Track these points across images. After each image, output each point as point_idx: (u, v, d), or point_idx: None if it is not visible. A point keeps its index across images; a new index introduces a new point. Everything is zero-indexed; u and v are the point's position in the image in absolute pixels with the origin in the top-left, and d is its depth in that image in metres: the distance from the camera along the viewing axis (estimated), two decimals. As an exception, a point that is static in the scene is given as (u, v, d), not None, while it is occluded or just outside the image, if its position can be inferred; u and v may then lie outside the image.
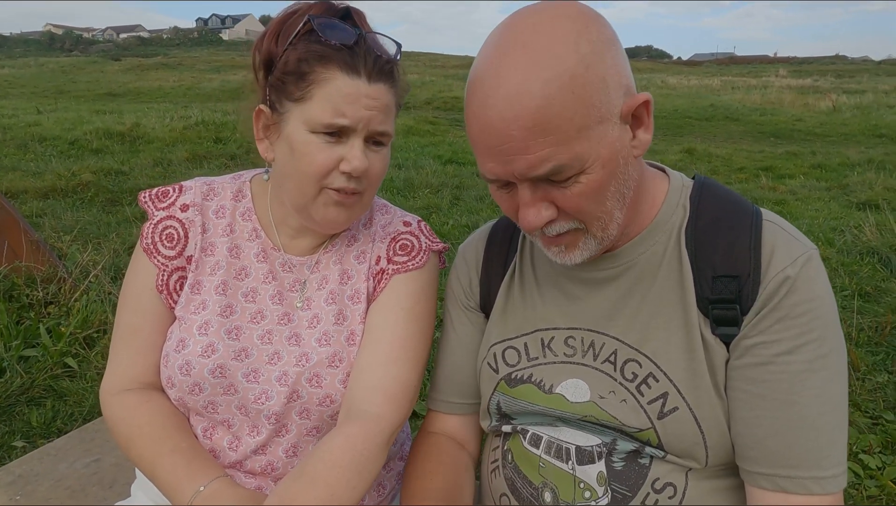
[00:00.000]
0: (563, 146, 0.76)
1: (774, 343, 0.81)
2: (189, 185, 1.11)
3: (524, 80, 0.74)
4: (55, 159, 8.51)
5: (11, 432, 2.52)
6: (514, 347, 1.01)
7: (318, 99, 0.95)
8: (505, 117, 0.75)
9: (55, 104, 16.81)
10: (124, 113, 13.75)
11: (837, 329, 0.83)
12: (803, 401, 0.80)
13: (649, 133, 0.84)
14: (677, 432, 0.85)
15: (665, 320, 0.89)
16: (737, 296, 0.84)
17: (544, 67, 0.74)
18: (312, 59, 0.95)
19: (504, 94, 0.75)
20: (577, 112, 0.75)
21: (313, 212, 1.01)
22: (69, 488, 1.49)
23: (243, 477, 1.06)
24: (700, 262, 0.87)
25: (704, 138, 13.86)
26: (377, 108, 0.97)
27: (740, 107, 19.77)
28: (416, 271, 1.10)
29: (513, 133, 0.75)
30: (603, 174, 0.80)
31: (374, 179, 1.02)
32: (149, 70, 35.53)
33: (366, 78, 0.95)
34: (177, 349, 1.02)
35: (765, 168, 9.66)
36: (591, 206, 0.82)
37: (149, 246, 1.06)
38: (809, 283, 0.81)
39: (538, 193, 0.81)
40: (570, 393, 0.93)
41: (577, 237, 0.86)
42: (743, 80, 33.83)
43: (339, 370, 1.04)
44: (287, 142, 0.99)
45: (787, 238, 0.85)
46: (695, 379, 0.85)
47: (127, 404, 1.03)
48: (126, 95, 23.23)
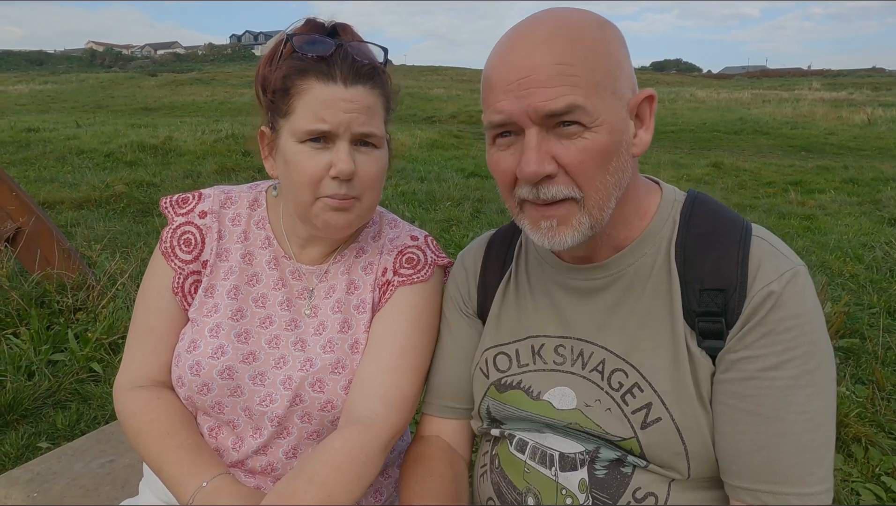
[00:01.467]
0: (580, 90, 0.80)
1: (759, 358, 0.81)
2: (208, 192, 1.16)
3: (554, 32, 0.81)
4: (91, 171, 8.82)
5: (37, 434, 2.60)
6: (505, 353, 1.03)
7: (299, 109, 1.00)
8: (531, 55, 0.81)
9: (93, 118, 17.40)
10: (158, 127, 14.16)
11: (825, 345, 0.83)
12: (788, 417, 0.80)
13: (649, 134, 0.87)
14: (659, 443, 0.86)
15: (652, 332, 0.89)
16: (723, 309, 0.84)
17: (573, 26, 0.83)
18: (293, 74, 1.00)
19: (532, 39, 0.82)
20: (598, 67, 0.81)
21: (313, 218, 1.05)
22: (83, 486, 1.54)
23: (244, 476, 1.09)
24: (688, 275, 0.88)
25: (732, 152, 13.66)
26: (357, 110, 1.00)
27: (770, 120, 19.45)
28: (421, 284, 1.13)
29: (537, 68, 0.80)
30: (608, 141, 0.82)
31: (368, 183, 1.05)
32: (183, 85, 36.56)
33: (342, 83, 0.99)
34: (188, 350, 1.06)
35: (794, 182, 9.46)
36: (591, 169, 0.82)
37: (167, 250, 1.11)
38: (795, 298, 0.81)
39: (544, 143, 0.82)
40: (556, 400, 0.95)
41: (572, 211, 0.85)
42: (774, 93, 33.28)
43: (342, 377, 1.07)
44: (282, 155, 1.04)
45: (775, 254, 0.86)
46: (679, 391, 0.86)
47: (138, 399, 1.08)
48: (161, 110, 23.93)
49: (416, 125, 16.01)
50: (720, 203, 0.96)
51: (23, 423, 2.67)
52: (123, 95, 31.05)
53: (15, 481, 1.57)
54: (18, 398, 2.73)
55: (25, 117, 17.50)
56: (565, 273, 0.99)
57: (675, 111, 23.69)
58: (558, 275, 1.00)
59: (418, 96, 27.38)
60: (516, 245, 1.10)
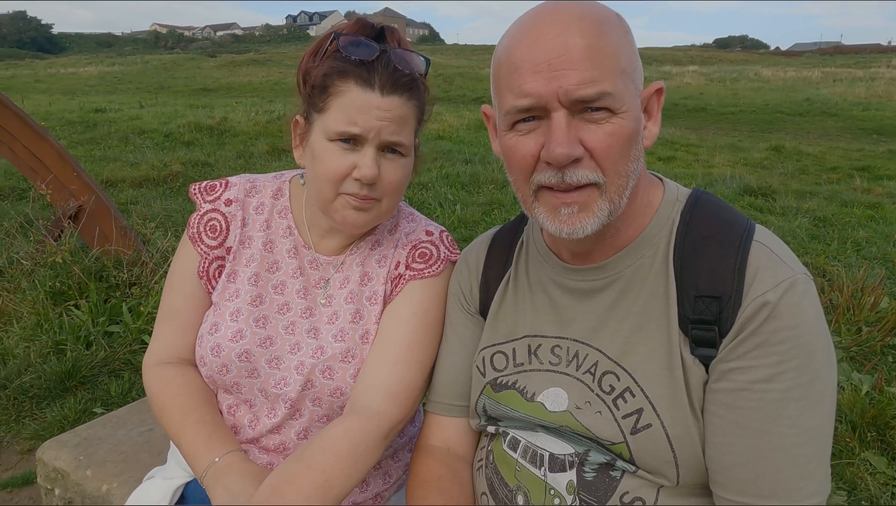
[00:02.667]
0: (609, 76, 0.80)
1: (752, 369, 0.80)
2: (234, 181, 1.21)
3: (579, 18, 0.81)
4: (151, 151, 9.22)
5: (93, 400, 2.80)
6: (502, 352, 1.03)
7: (334, 109, 1.03)
8: (562, 34, 0.80)
9: (155, 99, 18.15)
10: (215, 107, 14.64)
11: (823, 356, 0.80)
12: (778, 430, 0.78)
13: (657, 126, 0.88)
14: (649, 449, 0.85)
15: (647, 336, 0.88)
16: (716, 318, 0.82)
17: (597, 13, 0.83)
18: (334, 74, 1.03)
19: (561, 20, 0.81)
20: (623, 54, 0.82)
21: (333, 213, 1.09)
22: (123, 452, 1.67)
23: (258, 452, 1.16)
24: (684, 280, 0.86)
25: (796, 135, 12.99)
26: (389, 119, 1.02)
27: (840, 101, 18.35)
28: (432, 279, 1.15)
29: (571, 47, 0.79)
30: (632, 127, 0.83)
31: (389, 188, 1.07)
32: (240, 66, 37.51)
33: (379, 91, 1.02)
34: (210, 332, 1.13)
35: (861, 168, 8.95)
36: (616, 153, 0.83)
37: (194, 235, 1.18)
38: (792, 309, 0.79)
39: (572, 127, 0.81)
40: (549, 402, 0.94)
41: (593, 197, 0.84)
42: (847, 71, 31.30)
43: (351, 365, 1.11)
44: (311, 149, 1.08)
45: (774, 261, 0.83)
46: (672, 398, 0.84)
47: (163, 375, 1.15)
48: (219, 90, 24.67)
49: (465, 105, 15.90)
50: (725, 204, 0.93)
51: (81, 389, 2.87)
52: (184, 77, 32.15)
53: (64, 444, 1.71)
54: (77, 366, 2.94)
55: (94, 98, 18.43)
56: (564, 273, 0.98)
57: (736, 91, 22.65)
58: (557, 275, 0.99)
59: (468, 76, 27.13)
60: (517, 243, 1.10)
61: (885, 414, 2.53)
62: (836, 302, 3.67)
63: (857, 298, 3.64)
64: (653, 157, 9.89)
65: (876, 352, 3.22)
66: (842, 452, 2.45)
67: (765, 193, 7.04)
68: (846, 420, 2.59)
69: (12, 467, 2.43)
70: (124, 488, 1.52)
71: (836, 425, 2.57)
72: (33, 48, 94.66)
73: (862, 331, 3.38)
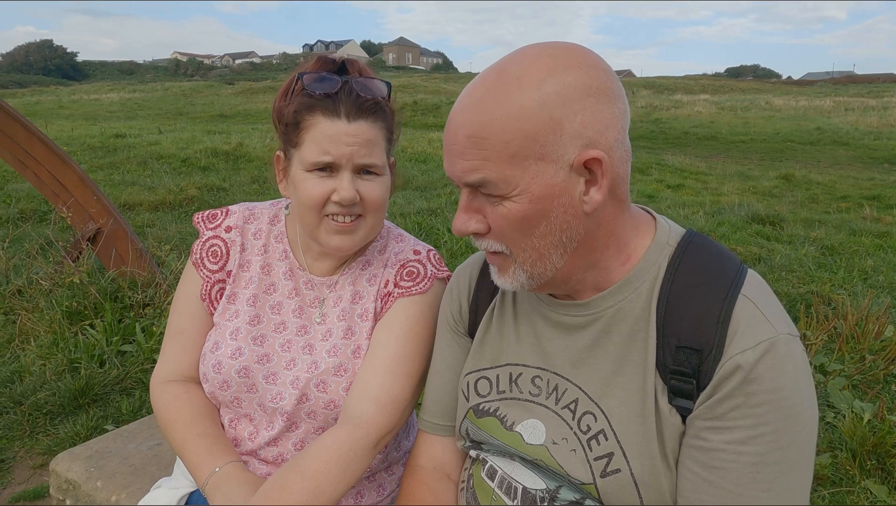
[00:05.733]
0: (492, 164, 0.81)
1: (727, 430, 0.79)
2: (234, 209, 1.30)
3: (482, 97, 0.82)
4: (168, 175, 9.44)
5: (105, 417, 2.88)
6: (486, 378, 1.04)
7: (307, 142, 1.11)
8: (458, 123, 0.84)
9: (174, 125, 18.56)
10: (231, 133, 14.96)
11: (804, 417, 0.79)
12: (752, 493, 0.77)
13: (601, 193, 0.82)
14: (617, 493, 0.84)
15: (625, 380, 0.87)
16: (695, 371, 0.82)
17: (503, 91, 0.81)
18: (303, 110, 1.12)
19: (464, 104, 0.84)
20: (514, 140, 0.80)
21: (320, 239, 1.17)
22: (133, 465, 1.73)
23: (257, 463, 1.22)
24: (666, 328, 0.85)
25: (806, 164, 13.00)
26: (359, 144, 1.11)
27: (852, 130, 18.34)
28: (419, 296, 1.22)
29: (458, 138, 0.84)
30: (530, 209, 0.82)
31: (371, 206, 1.16)
32: (257, 93, 38.31)
33: (346, 118, 1.10)
34: (212, 350, 1.20)
35: (871, 197, 8.94)
36: (513, 234, 0.85)
37: (197, 260, 1.26)
38: (771, 371, 0.77)
39: (474, 203, 0.88)
40: (527, 434, 0.95)
41: (507, 263, 0.90)
42: (860, 100, 31.30)
43: (344, 379, 1.18)
44: (293, 181, 1.16)
45: (758, 318, 0.80)
46: (643, 445, 0.84)
47: (169, 392, 1.23)
48: (236, 117, 25.20)
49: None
50: (717, 249, 0.90)
51: (93, 406, 2.95)
52: (202, 103, 32.88)
53: (77, 456, 1.78)
54: (90, 384, 3.03)
55: (115, 124, 18.89)
56: (549, 306, 0.98)
57: (746, 120, 22.72)
58: (542, 306, 1.00)
59: (481, 104, 27.39)
60: None
61: (885, 442, 2.53)
62: (840, 330, 3.68)
63: (862, 327, 3.64)
64: (661, 184, 9.95)
65: (879, 380, 3.22)
66: (842, 480, 2.45)
67: (773, 222, 7.06)
68: (847, 448, 2.59)
69: (25, 481, 2.50)
70: (133, 499, 1.58)
71: (836, 453, 2.58)
72: (58, 75, 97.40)
73: (865, 359, 3.38)
